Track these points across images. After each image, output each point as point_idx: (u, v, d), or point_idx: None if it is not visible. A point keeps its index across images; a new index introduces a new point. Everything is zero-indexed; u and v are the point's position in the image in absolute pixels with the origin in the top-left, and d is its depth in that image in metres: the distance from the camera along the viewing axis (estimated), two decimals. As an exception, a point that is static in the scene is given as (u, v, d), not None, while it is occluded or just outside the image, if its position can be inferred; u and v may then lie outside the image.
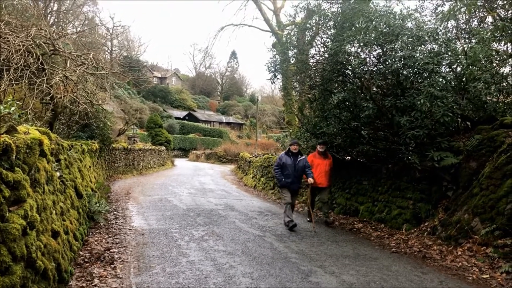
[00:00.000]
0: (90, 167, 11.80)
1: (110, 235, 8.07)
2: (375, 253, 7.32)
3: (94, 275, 5.55)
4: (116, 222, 9.36)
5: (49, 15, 17.89)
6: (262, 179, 19.23)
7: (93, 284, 5.20)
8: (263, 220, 10.31)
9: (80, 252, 6.49)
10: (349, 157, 12.24)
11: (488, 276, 5.89)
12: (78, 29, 17.67)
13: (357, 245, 8.00)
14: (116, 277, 5.57)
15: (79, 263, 6.00)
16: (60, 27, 17.94)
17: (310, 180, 9.57)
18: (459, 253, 6.85)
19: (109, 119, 17.11)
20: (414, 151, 8.65)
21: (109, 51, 48.34)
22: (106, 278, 5.48)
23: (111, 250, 6.91)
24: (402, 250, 7.59)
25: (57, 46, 9.67)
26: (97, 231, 8.28)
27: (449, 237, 7.44)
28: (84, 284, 5.18)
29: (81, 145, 11.05)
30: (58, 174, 6.33)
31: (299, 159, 9.64)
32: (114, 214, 10.34)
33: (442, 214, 8.17)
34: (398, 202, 9.44)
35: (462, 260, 6.57)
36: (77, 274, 5.53)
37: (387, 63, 9.09)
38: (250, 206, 12.98)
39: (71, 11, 20.86)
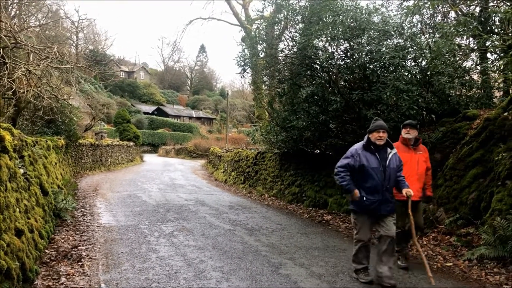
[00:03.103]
0: (56, 163, 11.52)
1: (78, 232, 7.92)
2: (343, 244, 7.45)
3: (61, 273, 5.43)
4: (84, 219, 9.18)
5: (10, 7, 17.28)
6: (232, 173, 19.24)
7: (60, 283, 5.10)
8: (234, 214, 10.32)
9: (46, 251, 6.34)
10: (318, 151, 12.38)
11: (451, 264, 6.09)
12: (42, 21, 17.15)
13: (326, 237, 8.11)
14: (84, 274, 5.47)
15: (45, 262, 5.86)
16: (22, 20, 17.35)
17: (408, 191, 5.32)
18: (425, 242, 7.04)
19: (75, 115, 16.76)
20: (381, 143, 8.80)
21: (74, 44, 47.18)
22: (74, 276, 5.38)
23: (79, 247, 6.79)
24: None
25: (19, 39, 9.36)
26: (64, 228, 8.11)
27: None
28: (50, 283, 5.06)
29: (46, 141, 10.77)
30: (21, 171, 6.16)
31: (389, 156, 5.37)
32: (81, 211, 10.14)
33: (408, 205, 8.36)
34: (366, 194, 9.60)
35: (428, 249, 6.76)
36: (43, 273, 5.41)
37: (354, 57, 9.23)
38: (220, 201, 12.97)
39: (33, 3, 20.20)
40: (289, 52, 11.63)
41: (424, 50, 8.77)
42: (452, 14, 10.66)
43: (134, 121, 46.89)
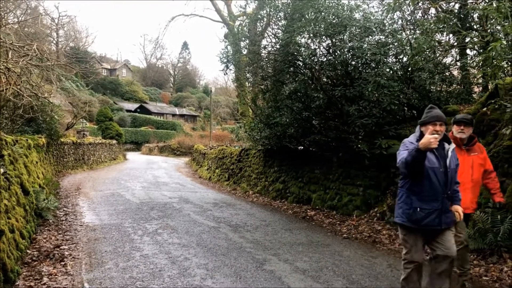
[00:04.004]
0: (37, 162, 11.36)
1: (60, 232, 7.83)
2: (327, 240, 7.51)
3: (43, 273, 5.37)
4: (66, 219, 9.09)
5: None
6: (217, 170, 19.21)
7: (42, 283, 5.04)
8: (218, 212, 10.32)
9: (28, 251, 6.25)
10: (302, 147, 12.43)
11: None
12: (20, 18, 16.83)
13: (310, 232, 8.17)
14: (66, 274, 5.42)
15: (26, 262, 5.79)
16: None
17: (457, 211, 4.22)
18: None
19: (56, 113, 16.51)
20: (363, 139, 8.91)
21: (54, 42, 46.39)
22: (56, 276, 5.32)
23: (61, 247, 6.71)
24: (353, 235, 7.83)
25: (-3, 36, 9.19)
26: (46, 228, 8.01)
27: (397, 221, 7.73)
28: (32, 283, 5.00)
29: (27, 140, 10.61)
30: (1, 170, 6.05)
31: (449, 153, 4.23)
32: (64, 210, 10.03)
33: (391, 199, 8.47)
34: (348, 190, 9.71)
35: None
36: (24, 273, 5.34)
37: (336, 53, 9.28)
38: (205, 198, 12.95)
39: (11, 0, 19.83)
40: (272, 49, 11.64)
41: (405, 47, 8.86)
42: (432, 11, 10.78)
43: (117, 119, 46.42)
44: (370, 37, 9.20)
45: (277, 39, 11.22)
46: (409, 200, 4.14)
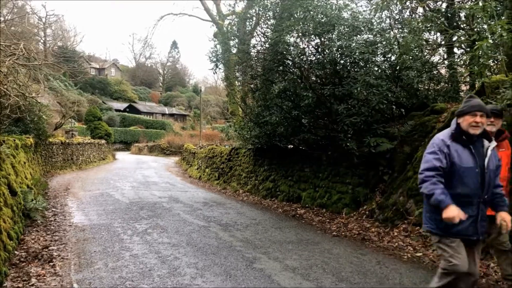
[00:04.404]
0: (25, 163, 11.26)
1: (49, 232, 7.77)
2: (317, 238, 7.55)
3: (31, 274, 5.33)
4: (55, 219, 9.02)
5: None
6: (207, 170, 19.19)
7: (30, 284, 5.00)
8: (208, 211, 10.31)
9: (16, 252, 6.20)
10: (292, 146, 12.47)
11: (421, 254, 6.25)
12: (7, 17, 16.67)
13: (300, 230, 8.20)
14: (55, 275, 5.38)
15: (14, 263, 5.74)
16: (-15, 16, 16.82)
17: (504, 218, 3.67)
18: (395, 233, 7.21)
19: (44, 113, 16.37)
20: (352, 137, 8.96)
21: (42, 41, 45.95)
22: (45, 277, 5.28)
23: (50, 248, 6.66)
24: (343, 233, 7.87)
25: (-17, 35, 9.09)
26: (34, 229, 7.94)
27: (386, 219, 7.80)
28: (20, 285, 4.96)
29: (14, 140, 10.52)
30: (-12, 171, 6.00)
31: (488, 152, 3.73)
32: (52, 211, 9.95)
33: (379, 197, 8.55)
34: (338, 188, 9.76)
35: (398, 241, 6.92)
36: (12, 274, 5.29)
37: (325, 52, 9.33)
38: (195, 198, 12.94)
39: (-3, -1, 19.62)
40: (261, 48, 11.67)
41: (393, 45, 8.93)
42: (420, 10, 10.86)
43: (106, 119, 46.13)
44: (359, 36, 9.26)
45: (266, 38, 11.25)
46: (446, 199, 3.49)
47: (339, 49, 8.97)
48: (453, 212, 3.38)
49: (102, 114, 40.38)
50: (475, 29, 8.28)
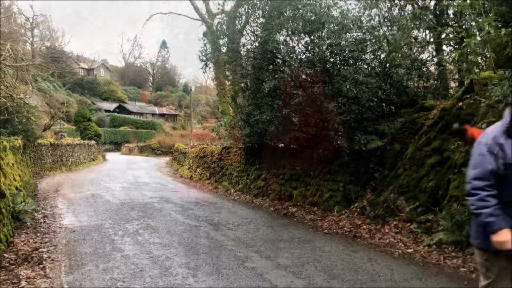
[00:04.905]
0: (13, 164, 11.15)
1: (38, 234, 7.70)
2: (308, 236, 7.55)
3: (21, 277, 5.27)
4: (45, 221, 8.94)
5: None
6: (198, 169, 19.13)
7: (20, 287, 4.95)
8: (200, 211, 10.28)
9: (5, 255, 6.13)
10: (282, 144, 12.47)
11: (412, 250, 6.28)
12: (-7, 18, 16.47)
13: (291, 228, 8.20)
14: (45, 277, 5.33)
15: (3, 266, 5.67)
16: (-28, 16, 16.61)
17: None
18: (386, 230, 7.24)
19: (32, 114, 16.26)
20: (342, 135, 8.99)
21: (29, 41, 45.51)
22: (35, 279, 5.23)
23: (40, 250, 6.60)
24: (334, 231, 7.89)
25: (-31, 36, 8.99)
26: (24, 231, 7.85)
27: (377, 216, 7.83)
28: (10, 287, 4.91)
29: (2, 141, 10.39)
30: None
31: None
32: (42, 212, 9.85)
33: (370, 194, 8.58)
34: (329, 185, 9.77)
35: (389, 237, 6.95)
36: (2, 277, 5.23)
37: (314, 51, 9.34)
38: (186, 197, 12.89)
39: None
40: (251, 47, 11.65)
41: (382, 43, 8.97)
42: (409, 7, 10.90)
43: (95, 120, 45.76)
44: (348, 34, 9.29)
45: (256, 37, 11.24)
46: (495, 213, 2.85)
47: (329, 47, 8.99)
48: (505, 237, 2.80)
49: (91, 115, 40.02)
50: (464, 26, 8.33)
